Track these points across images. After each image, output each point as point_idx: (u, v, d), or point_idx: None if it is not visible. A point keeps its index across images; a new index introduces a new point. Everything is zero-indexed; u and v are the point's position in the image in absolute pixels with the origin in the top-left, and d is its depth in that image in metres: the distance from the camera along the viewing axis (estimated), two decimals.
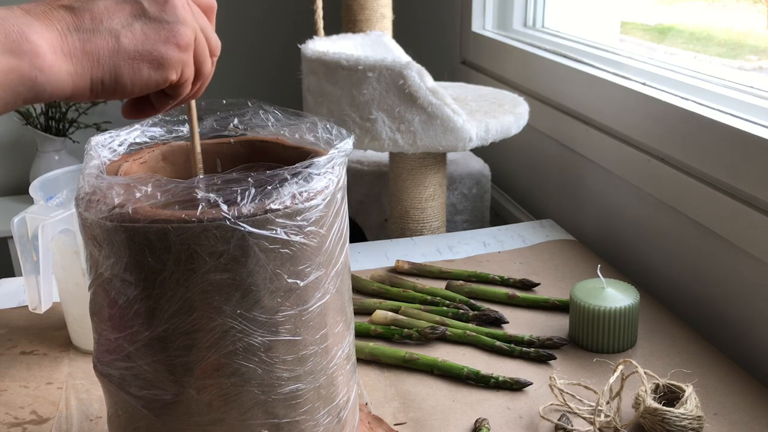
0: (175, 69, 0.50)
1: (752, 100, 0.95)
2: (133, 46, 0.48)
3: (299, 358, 0.55)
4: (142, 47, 0.48)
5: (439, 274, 1.05)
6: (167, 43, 0.49)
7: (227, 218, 0.49)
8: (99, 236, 0.52)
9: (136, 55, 0.48)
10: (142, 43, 0.48)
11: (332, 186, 0.55)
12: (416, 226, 1.26)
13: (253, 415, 0.54)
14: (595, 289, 0.87)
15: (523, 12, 1.59)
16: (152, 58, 0.48)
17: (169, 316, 0.51)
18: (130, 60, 0.48)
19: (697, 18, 1.35)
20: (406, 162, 1.22)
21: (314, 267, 0.54)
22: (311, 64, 1.18)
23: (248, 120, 0.64)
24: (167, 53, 0.49)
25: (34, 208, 0.77)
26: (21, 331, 0.93)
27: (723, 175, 0.91)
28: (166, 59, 0.49)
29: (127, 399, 0.55)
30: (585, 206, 1.27)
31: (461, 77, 1.71)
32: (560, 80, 1.30)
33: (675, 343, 0.88)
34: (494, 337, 0.88)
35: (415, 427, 0.75)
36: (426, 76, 1.09)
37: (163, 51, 0.48)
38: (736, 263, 0.91)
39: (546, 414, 0.74)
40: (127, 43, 0.47)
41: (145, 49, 0.48)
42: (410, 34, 1.89)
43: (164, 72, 0.49)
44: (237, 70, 2.48)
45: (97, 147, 0.58)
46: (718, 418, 0.74)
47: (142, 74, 0.48)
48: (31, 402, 0.79)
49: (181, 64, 0.50)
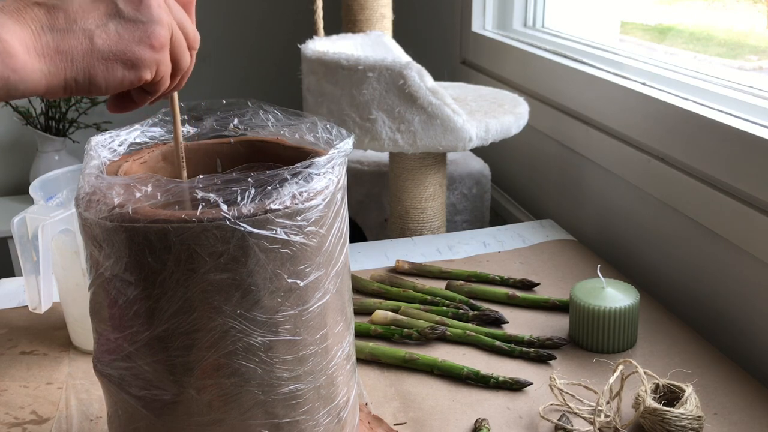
0: (149, 69, 0.49)
1: (752, 100, 0.95)
2: (107, 46, 0.47)
3: (299, 358, 0.55)
4: (116, 48, 0.48)
5: (439, 274, 1.05)
6: (141, 43, 0.48)
7: (227, 218, 0.49)
8: (99, 236, 0.52)
9: (110, 55, 0.47)
10: (116, 44, 0.48)
11: (332, 186, 0.55)
12: (416, 226, 1.26)
13: (253, 415, 0.54)
14: (595, 289, 0.87)
15: (523, 12, 1.59)
16: (126, 59, 0.48)
17: (169, 316, 0.51)
18: (103, 60, 0.47)
19: (697, 18, 1.35)
20: (406, 162, 1.22)
21: (314, 267, 0.54)
22: (311, 64, 1.18)
23: (248, 120, 0.64)
24: (141, 54, 0.48)
25: (34, 208, 0.77)
26: (21, 331, 0.93)
27: (723, 175, 0.91)
28: (140, 60, 0.49)
29: (127, 399, 0.55)
30: (585, 206, 1.27)
31: (461, 77, 1.71)
32: (560, 80, 1.30)
33: (675, 343, 0.88)
34: (494, 337, 0.88)
35: (415, 427, 0.75)
36: (426, 76, 1.09)
37: (136, 51, 0.48)
38: (736, 263, 0.91)
39: (546, 414, 0.74)
40: (101, 44, 0.47)
41: (119, 49, 0.48)
42: (410, 34, 1.89)
43: (138, 72, 0.49)
44: (237, 70, 2.48)
45: (97, 147, 0.58)
46: (718, 418, 0.74)
47: (116, 74, 0.48)
48: (31, 402, 0.79)
49: (156, 64, 0.50)
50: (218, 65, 2.40)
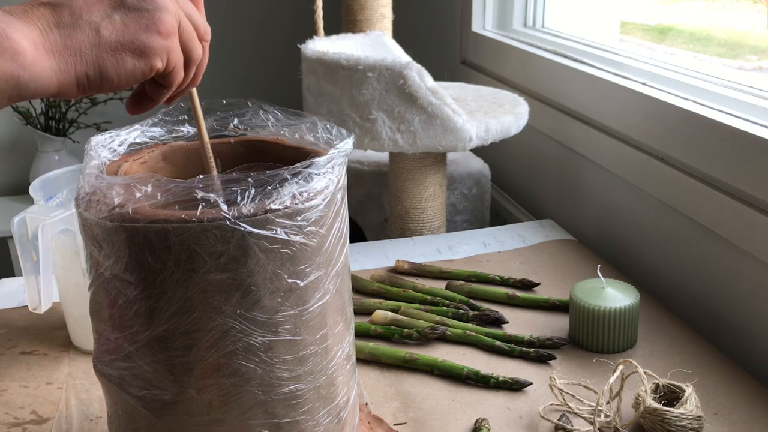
0: (159, 56, 0.49)
1: (752, 100, 0.95)
2: (114, 37, 0.47)
3: (299, 358, 0.55)
4: (123, 37, 0.48)
5: (439, 274, 1.05)
6: (148, 30, 0.48)
7: (227, 218, 0.49)
8: (99, 236, 0.52)
9: (117, 45, 0.47)
10: (123, 34, 0.48)
11: (332, 186, 0.55)
12: (416, 226, 1.26)
13: (253, 415, 0.54)
14: (595, 289, 0.87)
15: (523, 12, 1.59)
16: (134, 48, 0.48)
17: (169, 316, 0.51)
18: (112, 51, 0.47)
19: (697, 18, 1.35)
20: (406, 162, 1.22)
21: (314, 267, 0.54)
22: (311, 64, 1.18)
23: (248, 120, 0.64)
24: (149, 41, 0.48)
25: (34, 208, 0.77)
26: (21, 331, 0.93)
27: (723, 175, 0.91)
28: (149, 47, 0.48)
29: (127, 399, 0.55)
30: (585, 206, 1.27)
31: (461, 77, 1.71)
32: (560, 80, 1.30)
33: (675, 343, 0.88)
34: (494, 337, 0.88)
35: (415, 427, 0.75)
36: (426, 76, 1.09)
37: (144, 39, 0.48)
38: (736, 263, 0.91)
39: (546, 414, 0.74)
40: (108, 35, 0.47)
41: (126, 39, 0.48)
42: (410, 34, 1.89)
43: (149, 60, 0.49)
44: (237, 70, 2.48)
45: (97, 147, 0.58)
46: (718, 418, 0.74)
47: (126, 65, 0.48)
48: (31, 402, 0.79)
49: (166, 51, 0.49)
50: (218, 65, 2.39)
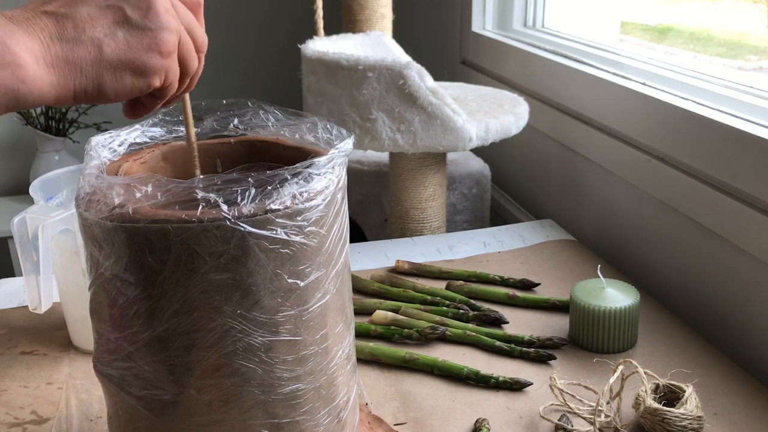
0: (158, 76, 0.49)
1: (752, 100, 0.95)
2: (115, 55, 0.47)
3: (299, 359, 0.55)
4: (125, 56, 0.48)
5: (439, 274, 1.05)
6: (150, 51, 0.48)
7: (227, 218, 0.49)
8: (99, 236, 0.52)
9: (118, 64, 0.47)
10: (124, 52, 0.47)
11: (332, 186, 0.55)
12: (416, 226, 1.26)
13: (253, 415, 0.54)
14: (595, 289, 0.87)
15: (523, 12, 1.59)
16: (134, 67, 0.48)
17: (169, 316, 0.51)
18: (112, 69, 0.47)
19: (697, 18, 1.35)
20: (406, 162, 1.22)
21: (314, 267, 0.54)
22: (311, 64, 1.18)
23: (248, 120, 0.64)
24: (150, 61, 0.48)
25: (34, 208, 0.77)
26: (21, 331, 0.93)
27: (723, 175, 0.91)
28: (149, 67, 0.48)
29: (127, 399, 0.55)
30: (585, 206, 1.27)
31: (461, 77, 1.71)
32: (560, 80, 1.30)
33: (675, 343, 0.88)
34: (494, 337, 0.88)
35: (415, 427, 0.75)
36: (426, 76, 1.09)
37: (145, 59, 0.48)
38: (736, 263, 0.91)
39: (546, 414, 0.74)
40: (110, 53, 0.47)
41: (128, 58, 0.48)
42: (410, 34, 1.89)
43: (147, 79, 0.49)
44: (237, 70, 2.48)
45: (97, 147, 0.58)
46: (718, 418, 0.74)
47: (125, 83, 0.48)
48: (31, 402, 0.79)
49: (164, 70, 0.50)
50: (218, 65, 2.40)
